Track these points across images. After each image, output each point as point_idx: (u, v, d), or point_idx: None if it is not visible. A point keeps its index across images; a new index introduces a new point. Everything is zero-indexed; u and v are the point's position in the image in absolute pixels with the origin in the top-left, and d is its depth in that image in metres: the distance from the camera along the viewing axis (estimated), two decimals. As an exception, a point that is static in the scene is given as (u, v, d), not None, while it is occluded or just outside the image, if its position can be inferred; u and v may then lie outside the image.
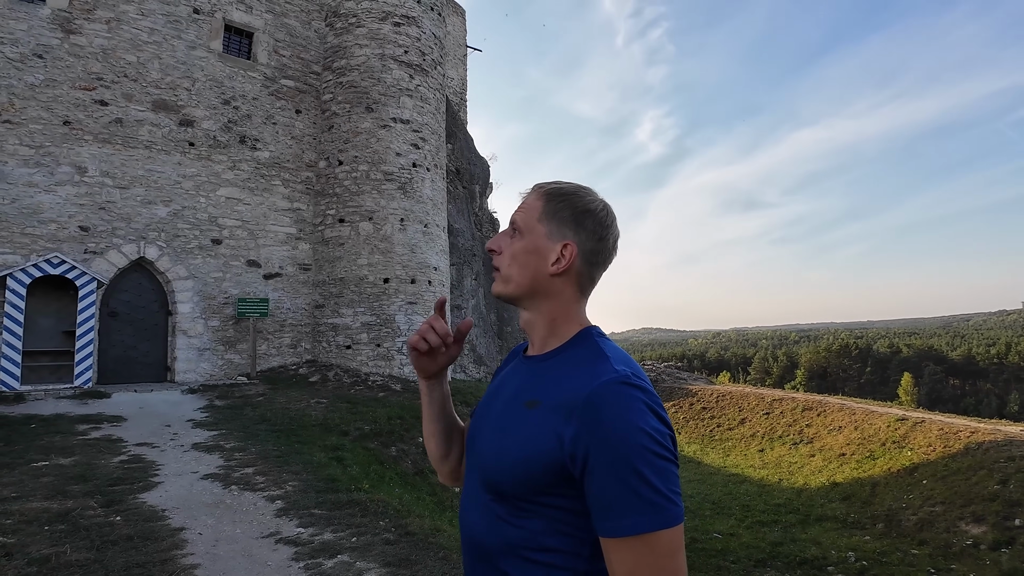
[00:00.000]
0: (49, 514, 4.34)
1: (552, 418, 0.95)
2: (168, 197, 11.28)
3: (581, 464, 0.90)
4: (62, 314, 9.88)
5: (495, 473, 1.00)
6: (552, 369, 1.04)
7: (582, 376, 0.97)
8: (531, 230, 1.09)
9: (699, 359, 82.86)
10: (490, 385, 1.23)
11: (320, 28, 13.73)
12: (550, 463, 0.93)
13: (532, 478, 0.95)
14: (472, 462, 1.11)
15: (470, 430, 1.16)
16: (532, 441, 0.96)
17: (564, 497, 0.94)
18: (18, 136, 9.84)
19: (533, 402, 1.01)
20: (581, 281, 1.09)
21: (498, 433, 1.04)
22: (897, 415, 13.79)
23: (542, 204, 1.10)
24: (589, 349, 1.04)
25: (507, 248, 1.11)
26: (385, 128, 13.13)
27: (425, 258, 13.30)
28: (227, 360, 11.78)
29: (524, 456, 0.96)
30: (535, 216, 1.09)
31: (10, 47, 9.88)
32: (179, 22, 11.69)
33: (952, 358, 72.54)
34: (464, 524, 1.09)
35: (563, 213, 1.08)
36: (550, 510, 0.95)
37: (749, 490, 12.39)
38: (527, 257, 1.08)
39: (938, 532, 8.73)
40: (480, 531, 1.03)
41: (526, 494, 0.96)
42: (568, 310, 1.09)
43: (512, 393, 1.07)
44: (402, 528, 4.54)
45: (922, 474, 10.67)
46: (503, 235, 1.14)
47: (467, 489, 1.11)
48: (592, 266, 1.09)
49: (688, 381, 22.84)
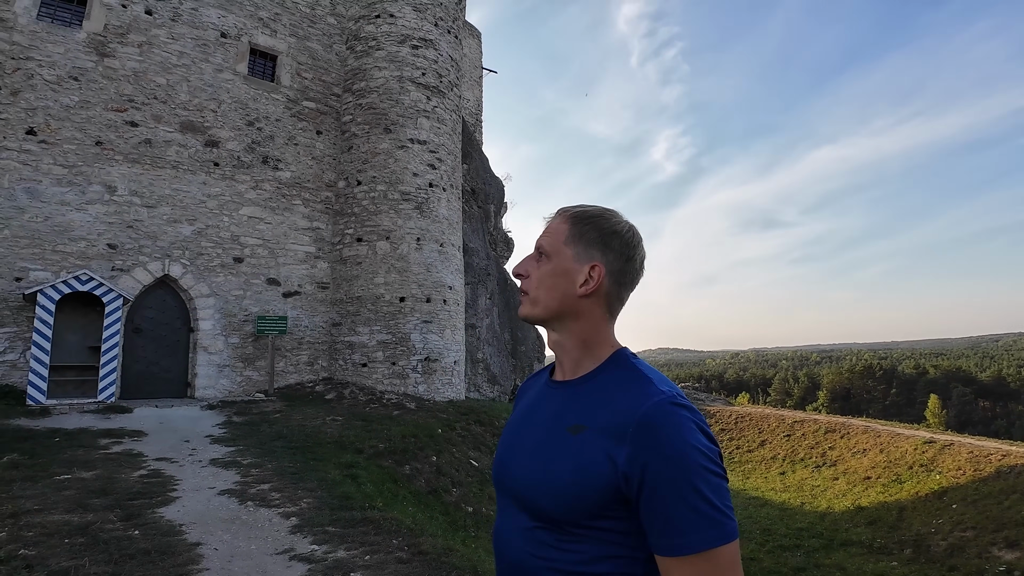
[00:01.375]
0: (70, 527, 4.40)
1: (602, 441, 0.96)
2: (193, 216, 11.56)
3: (637, 485, 0.91)
4: (88, 330, 10.11)
5: (543, 500, 1.00)
6: (592, 393, 1.04)
7: (629, 398, 0.98)
8: (558, 253, 1.10)
9: (717, 380, 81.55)
10: (515, 412, 1.22)
11: (341, 51, 14.10)
12: (603, 486, 0.94)
13: (584, 502, 0.95)
14: (508, 489, 1.10)
15: (499, 458, 1.15)
16: (582, 466, 0.96)
17: (616, 520, 0.95)
18: (52, 156, 10.21)
19: (578, 427, 1.00)
20: (610, 302, 1.10)
21: (540, 460, 1.03)
22: (924, 438, 13.40)
23: (568, 227, 1.11)
24: (629, 371, 1.04)
25: (534, 272, 1.12)
26: (402, 149, 13.36)
27: (440, 277, 13.39)
28: (246, 377, 11.91)
29: (575, 480, 0.96)
30: (561, 240, 1.11)
31: (48, 70, 10.31)
32: (207, 46, 12.10)
33: (982, 379, 70.36)
34: (503, 551, 1.08)
35: (590, 235, 1.09)
36: (601, 533, 0.96)
37: (770, 513, 12.08)
38: (555, 280, 1.09)
39: (969, 558, 8.41)
40: (522, 557, 1.03)
41: (577, 518, 0.96)
42: (598, 331, 1.10)
43: (549, 418, 1.07)
44: (415, 547, 4.52)
45: (952, 498, 10.32)
46: (529, 259, 1.15)
47: (504, 519, 1.10)
48: (620, 286, 1.11)
49: (706, 402, 22.47)
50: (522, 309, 1.14)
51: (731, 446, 17.55)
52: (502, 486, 1.12)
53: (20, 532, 4.21)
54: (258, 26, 12.84)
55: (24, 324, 9.60)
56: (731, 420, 18.86)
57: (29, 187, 9.94)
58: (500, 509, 1.13)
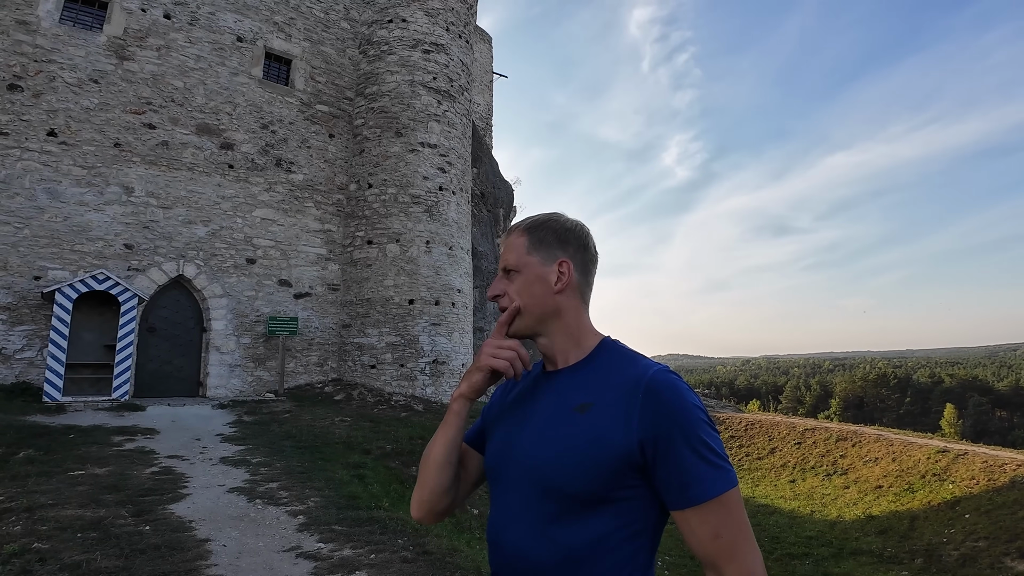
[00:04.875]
0: (82, 522, 4.49)
1: (613, 411, 1.04)
2: (207, 217, 11.73)
3: (652, 445, 1.00)
4: (104, 328, 10.28)
5: (560, 478, 1.03)
6: (591, 373, 1.12)
7: (630, 373, 1.07)
8: (525, 264, 1.18)
9: (727, 387, 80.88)
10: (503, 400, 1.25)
11: (354, 55, 14.25)
12: (618, 454, 1.01)
13: (601, 470, 1.01)
14: (514, 477, 1.10)
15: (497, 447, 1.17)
16: (597, 436, 1.03)
17: (630, 488, 1.02)
18: (72, 157, 10.42)
19: (584, 405, 1.07)
20: (582, 290, 1.19)
21: (553, 440, 1.07)
22: (938, 447, 13.21)
23: (525, 239, 1.19)
24: (621, 353, 1.14)
25: (509, 289, 1.18)
26: (413, 152, 13.46)
27: (449, 280, 13.45)
28: (256, 377, 12.04)
29: (591, 452, 1.02)
30: (523, 251, 1.18)
31: (69, 72, 10.53)
32: (223, 50, 12.30)
33: (999, 389, 69.14)
34: (502, 545, 1.09)
35: (547, 238, 1.18)
36: (614, 505, 1.02)
37: (779, 521, 11.96)
38: (531, 287, 1.16)
39: (981, 568, 8.29)
40: (529, 547, 1.05)
41: (596, 490, 1.01)
42: (580, 322, 1.18)
43: (552, 402, 1.12)
44: (420, 547, 4.55)
45: (964, 508, 10.17)
46: (499, 281, 1.22)
47: (506, 509, 1.11)
48: (586, 274, 1.20)
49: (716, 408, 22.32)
50: (514, 328, 1.17)
51: (740, 453, 17.42)
52: (504, 474, 1.12)
53: (34, 526, 4.30)
54: (273, 30, 13.02)
55: (42, 322, 9.79)
56: (741, 427, 18.73)
57: (49, 187, 10.15)
58: (497, 502, 1.13)
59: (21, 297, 9.77)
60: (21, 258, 9.82)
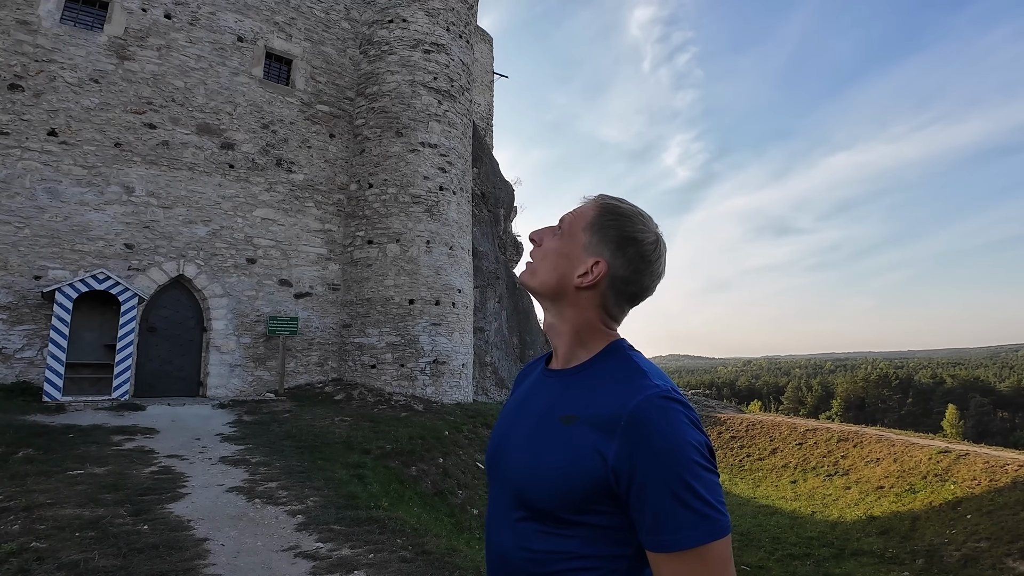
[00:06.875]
0: (81, 521, 4.48)
1: (592, 435, 0.93)
2: (208, 217, 11.73)
3: (627, 480, 0.89)
4: (104, 328, 10.28)
5: (532, 491, 0.98)
6: (585, 382, 1.02)
7: (621, 391, 0.95)
8: (573, 235, 1.08)
9: (728, 387, 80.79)
10: (512, 396, 1.20)
11: (355, 55, 14.25)
12: (593, 479, 0.92)
13: (574, 494, 0.93)
14: (500, 478, 1.07)
15: (493, 445, 1.13)
16: (573, 458, 0.94)
17: (604, 515, 0.93)
18: (73, 157, 10.42)
19: (569, 417, 0.98)
20: (606, 304, 1.06)
21: (533, 450, 1.01)
22: (939, 447, 13.19)
23: (594, 214, 1.08)
24: (623, 363, 1.02)
25: (548, 243, 1.11)
26: (414, 152, 13.46)
27: (450, 280, 13.44)
28: (256, 377, 12.03)
29: (565, 472, 0.94)
30: (582, 224, 1.08)
31: (70, 72, 10.53)
32: (224, 49, 12.30)
33: (1000, 389, 68.98)
34: (491, 543, 1.06)
35: (609, 231, 1.05)
36: (587, 529, 0.93)
37: (780, 522, 11.94)
38: (558, 259, 1.08)
39: (983, 569, 8.27)
40: (508, 547, 1.01)
41: (566, 511, 0.94)
42: (591, 325, 1.07)
43: (543, 408, 1.05)
44: (419, 547, 4.54)
45: (966, 508, 10.15)
46: (547, 230, 1.14)
47: (494, 508, 1.08)
48: (620, 295, 1.06)
49: (717, 409, 22.30)
50: (522, 275, 1.14)
51: (742, 454, 17.39)
52: (495, 474, 1.10)
53: (33, 525, 4.29)
54: (274, 30, 13.02)
55: (42, 322, 9.79)
56: (742, 427, 18.69)
57: (50, 187, 10.15)
58: (491, 498, 1.11)
59: (21, 297, 9.77)
60: (21, 258, 9.82)
